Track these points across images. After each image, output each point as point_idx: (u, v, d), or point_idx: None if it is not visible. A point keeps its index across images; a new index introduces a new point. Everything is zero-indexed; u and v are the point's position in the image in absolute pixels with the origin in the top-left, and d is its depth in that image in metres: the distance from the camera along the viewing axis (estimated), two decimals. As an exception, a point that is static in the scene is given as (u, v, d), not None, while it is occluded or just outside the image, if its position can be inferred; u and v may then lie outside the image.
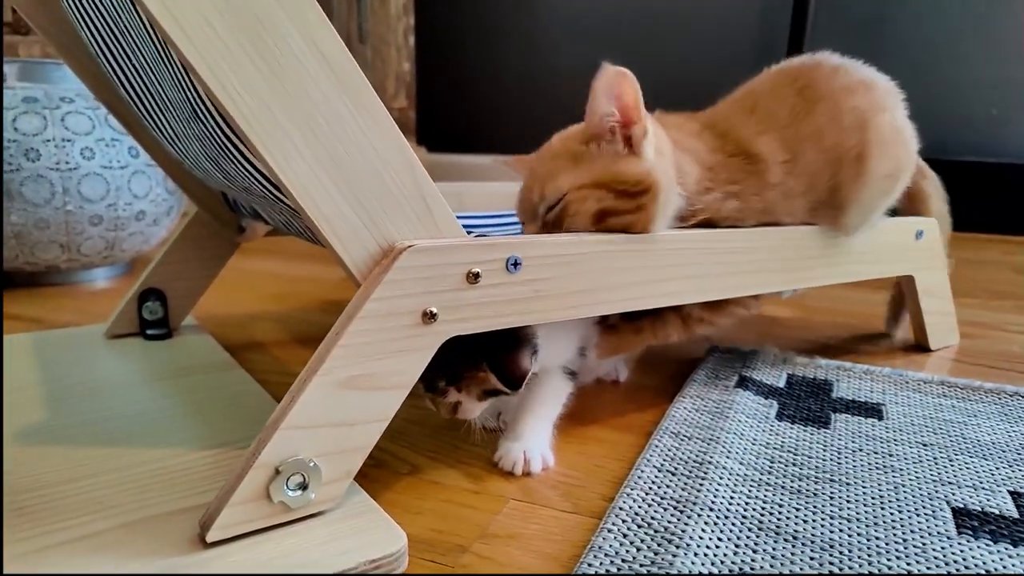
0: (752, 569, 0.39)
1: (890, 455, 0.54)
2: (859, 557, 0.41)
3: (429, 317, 0.42)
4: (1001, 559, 0.41)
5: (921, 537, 0.43)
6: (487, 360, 0.48)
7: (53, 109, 0.99)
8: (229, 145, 0.45)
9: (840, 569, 0.40)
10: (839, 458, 0.53)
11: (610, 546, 0.41)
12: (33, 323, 0.86)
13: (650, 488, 0.48)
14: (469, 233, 0.45)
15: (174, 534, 0.38)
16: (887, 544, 0.42)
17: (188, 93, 0.45)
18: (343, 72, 0.38)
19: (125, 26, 0.49)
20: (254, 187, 0.50)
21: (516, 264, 0.45)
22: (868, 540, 0.43)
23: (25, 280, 1.04)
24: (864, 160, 0.62)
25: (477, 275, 0.44)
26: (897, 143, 0.65)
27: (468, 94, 2.35)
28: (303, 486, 0.39)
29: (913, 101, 0.67)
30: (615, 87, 0.51)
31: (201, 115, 0.45)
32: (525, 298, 0.46)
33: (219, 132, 0.45)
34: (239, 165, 0.47)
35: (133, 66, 0.54)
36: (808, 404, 0.64)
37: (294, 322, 0.88)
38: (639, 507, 0.45)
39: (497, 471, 0.51)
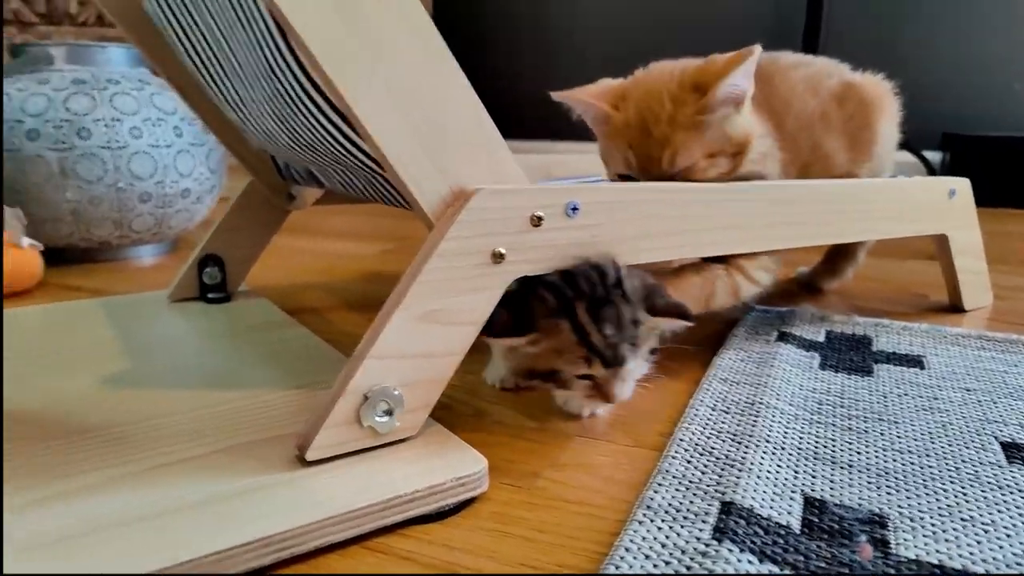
0: (812, 492, 0.42)
1: (935, 399, 0.56)
2: (914, 483, 0.43)
3: (498, 257, 0.44)
4: (1051, 483, 0.43)
5: (972, 466, 0.45)
6: (648, 309, 0.49)
7: (101, 90, 1.02)
8: (306, 100, 0.48)
9: (896, 492, 0.42)
10: (885, 401, 0.55)
11: (676, 469, 0.43)
12: (95, 293, 0.89)
13: (706, 423, 0.50)
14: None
15: (272, 457, 0.41)
16: (940, 472, 0.44)
17: (265, 51, 0.47)
18: (418, 22, 0.40)
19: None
20: (322, 143, 0.53)
21: (575, 209, 0.48)
22: (921, 468, 0.45)
23: (78, 256, 1.07)
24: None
25: (540, 218, 0.46)
26: None
27: (486, 62, 2.34)
28: (389, 412, 0.42)
29: (937, 77, 0.68)
30: (752, 66, 0.56)
31: (278, 72, 0.48)
32: (584, 242, 0.49)
33: (296, 88, 0.48)
34: (312, 119, 0.50)
35: (200, 34, 0.57)
36: (849, 356, 0.65)
37: (341, 291, 0.91)
38: (698, 439, 0.47)
39: (555, 412, 0.54)
